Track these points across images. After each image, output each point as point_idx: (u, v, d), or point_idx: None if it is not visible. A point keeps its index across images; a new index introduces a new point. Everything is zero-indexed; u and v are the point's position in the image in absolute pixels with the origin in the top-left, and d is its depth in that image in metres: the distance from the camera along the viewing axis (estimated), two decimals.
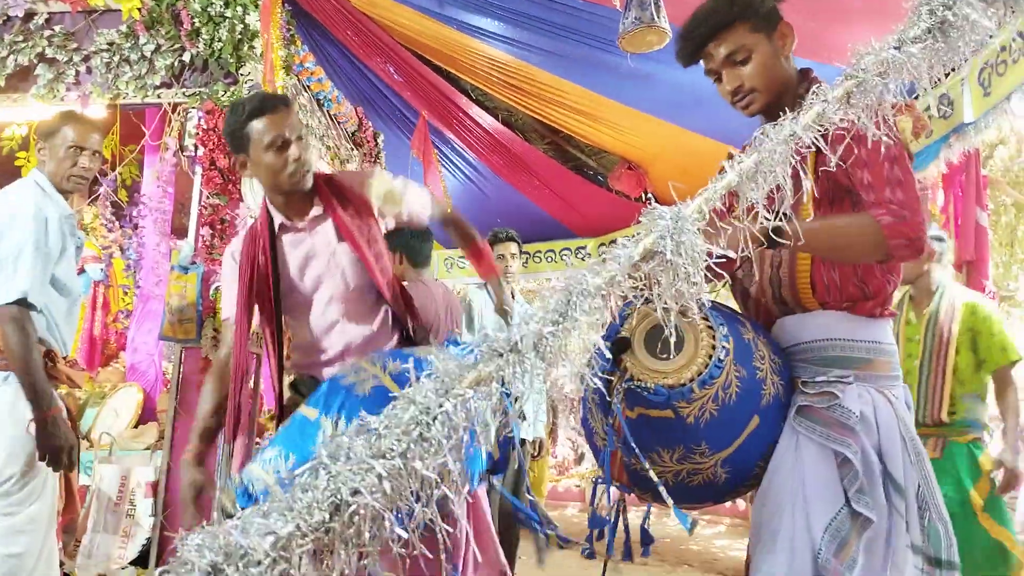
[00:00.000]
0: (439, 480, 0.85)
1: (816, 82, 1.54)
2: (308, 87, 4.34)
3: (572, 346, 0.96)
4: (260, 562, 0.77)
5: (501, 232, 3.83)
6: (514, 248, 3.81)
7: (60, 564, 2.26)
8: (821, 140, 1.18)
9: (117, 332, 4.80)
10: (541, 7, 3.90)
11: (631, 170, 5.68)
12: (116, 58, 3.50)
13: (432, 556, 0.86)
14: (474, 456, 1.51)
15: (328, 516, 0.81)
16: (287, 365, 1.98)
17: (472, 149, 5.58)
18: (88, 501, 3.20)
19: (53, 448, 2.00)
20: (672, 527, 5.95)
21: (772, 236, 1.25)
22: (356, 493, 0.82)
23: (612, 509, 1.49)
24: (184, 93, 3.46)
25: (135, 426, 3.90)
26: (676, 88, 4.08)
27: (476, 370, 0.91)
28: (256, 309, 1.91)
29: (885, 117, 1.21)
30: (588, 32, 3.98)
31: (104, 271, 4.78)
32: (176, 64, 3.47)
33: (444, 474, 0.85)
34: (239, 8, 3.41)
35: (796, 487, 1.38)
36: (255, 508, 0.82)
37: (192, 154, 3.48)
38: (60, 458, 2.02)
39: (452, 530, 0.85)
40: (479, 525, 1.80)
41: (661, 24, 3.23)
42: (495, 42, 4.29)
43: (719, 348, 1.32)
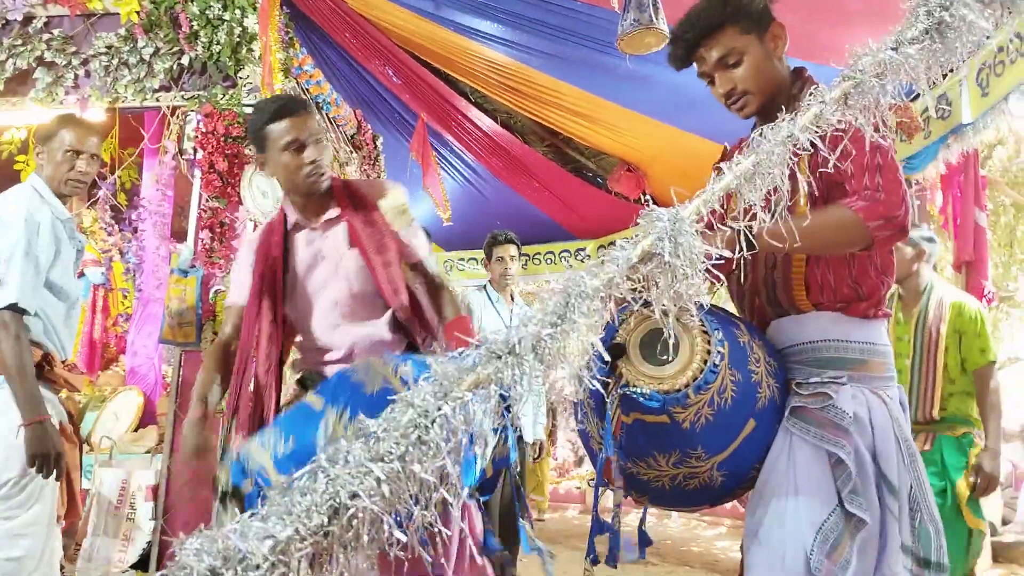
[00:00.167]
0: (438, 483, 0.85)
1: (810, 81, 1.54)
2: (307, 90, 4.34)
3: (570, 348, 0.96)
4: (259, 566, 0.77)
5: (500, 234, 3.84)
6: (513, 250, 3.81)
7: (60, 568, 2.26)
8: (819, 140, 1.18)
9: (117, 336, 4.80)
10: (539, 9, 3.91)
11: (630, 172, 5.69)
12: (115, 61, 3.51)
13: (431, 559, 0.86)
14: (467, 466, 1.50)
15: (327, 520, 0.80)
16: (291, 366, 1.99)
17: (471, 151, 5.59)
18: (88, 505, 3.20)
19: (40, 455, 2.00)
20: (673, 528, 5.94)
21: (750, 240, 1.24)
22: (355, 496, 0.82)
23: (613, 513, 1.49)
24: (183, 96, 3.47)
25: (135, 430, 3.89)
26: (675, 90, 4.08)
27: (474, 373, 0.91)
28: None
29: (883, 118, 1.21)
30: (586, 34, 3.99)
31: (104, 275, 4.78)
32: (175, 67, 3.48)
33: (443, 477, 0.85)
34: (237, 11, 3.41)
35: (789, 488, 1.38)
36: (254, 512, 0.82)
37: (191, 157, 3.48)
38: (47, 465, 2.01)
39: (448, 532, 0.85)
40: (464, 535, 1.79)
41: (659, 26, 3.23)
42: (494, 44, 4.30)
43: (714, 353, 1.32)
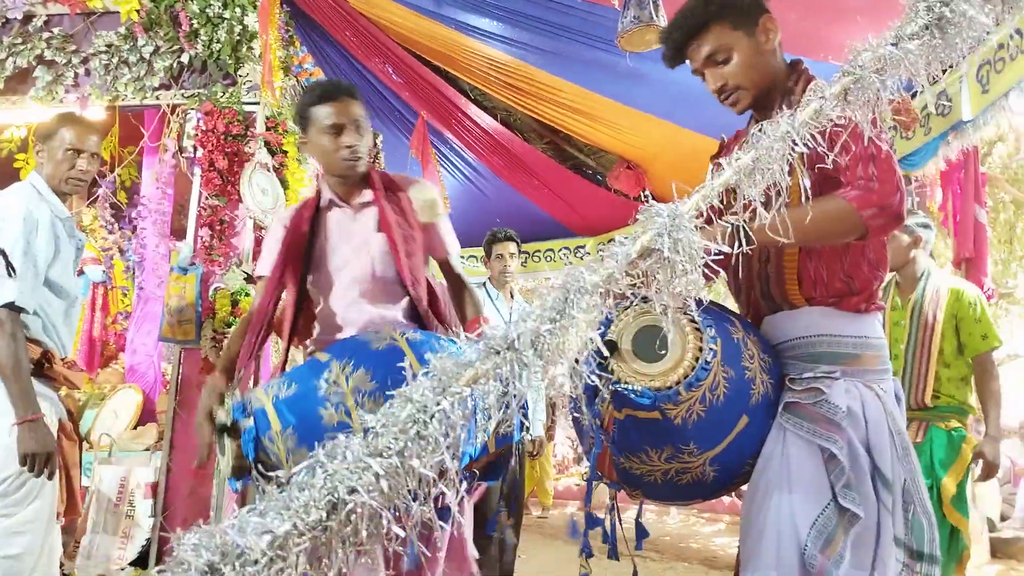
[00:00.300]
0: (436, 478, 0.85)
1: (806, 75, 1.54)
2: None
3: (570, 343, 0.96)
4: (257, 561, 0.76)
5: (500, 232, 3.84)
6: (513, 248, 3.81)
7: (60, 565, 2.26)
8: (818, 136, 1.18)
9: (116, 333, 4.80)
10: (539, 6, 3.90)
11: (630, 169, 5.68)
12: (115, 60, 3.50)
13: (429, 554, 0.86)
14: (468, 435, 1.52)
15: (325, 515, 0.80)
16: (307, 343, 2.02)
17: (471, 149, 5.58)
18: (88, 502, 3.20)
19: (29, 454, 1.99)
20: (671, 524, 5.95)
21: (747, 235, 1.24)
22: (353, 492, 0.82)
23: (608, 508, 1.50)
24: (183, 95, 3.46)
25: (134, 427, 3.90)
26: (675, 87, 4.07)
27: (473, 368, 0.91)
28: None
29: (879, 115, 1.21)
30: (586, 31, 3.98)
31: (106, 273, 4.78)
32: (175, 66, 3.47)
33: (441, 472, 0.85)
34: (237, 9, 3.41)
35: (783, 483, 1.38)
36: (252, 507, 0.82)
37: (191, 155, 3.48)
38: (35, 464, 2.01)
39: (446, 526, 0.85)
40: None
41: (660, 23, 3.22)
42: (493, 42, 4.29)
43: (706, 350, 1.32)
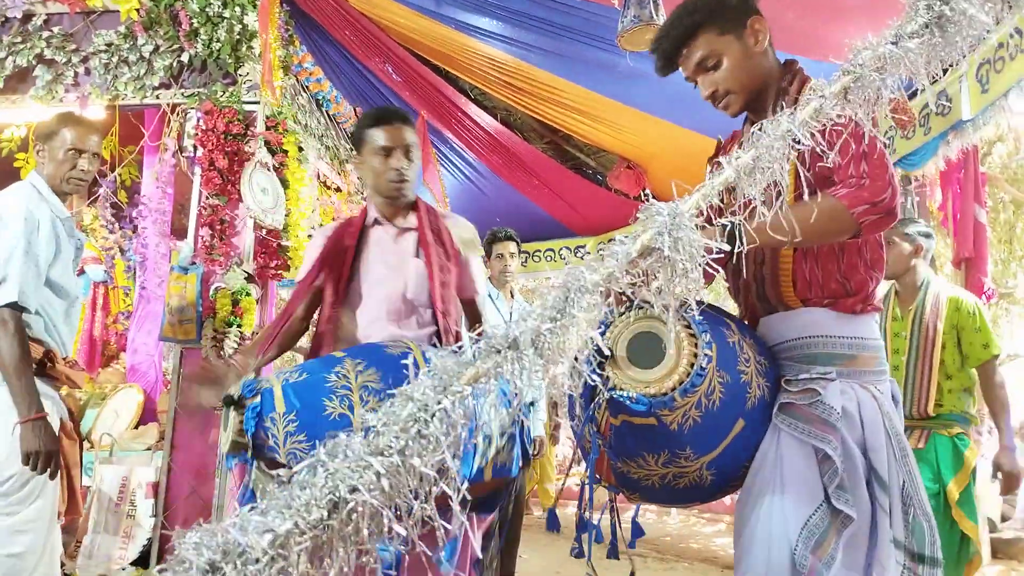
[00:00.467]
0: (437, 477, 0.85)
1: (801, 74, 1.54)
2: (307, 87, 4.34)
3: (570, 343, 0.96)
4: (258, 560, 0.76)
5: (500, 231, 3.84)
6: (513, 247, 3.81)
7: (61, 565, 2.26)
8: (818, 134, 1.18)
9: (117, 333, 4.80)
10: (539, 6, 3.90)
11: (630, 169, 5.68)
12: (115, 59, 3.50)
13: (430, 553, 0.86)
14: (464, 456, 1.52)
15: (326, 514, 0.80)
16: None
17: (471, 148, 5.58)
18: (89, 502, 3.20)
19: (33, 453, 2.00)
20: (672, 525, 5.95)
21: (738, 235, 1.24)
22: (354, 490, 0.81)
23: (605, 510, 1.50)
24: (183, 94, 3.46)
25: (135, 427, 3.90)
26: (675, 87, 4.03)
27: (474, 367, 0.91)
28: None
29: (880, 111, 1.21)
30: (586, 31, 3.98)
31: (107, 272, 4.78)
32: (175, 65, 3.47)
33: (442, 471, 0.85)
34: (237, 8, 3.41)
35: (776, 484, 1.38)
36: (253, 506, 0.82)
37: (191, 155, 3.48)
38: (39, 463, 2.01)
39: (449, 527, 0.86)
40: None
41: (660, 22, 3.22)
42: (494, 41, 4.29)
43: (701, 356, 1.32)
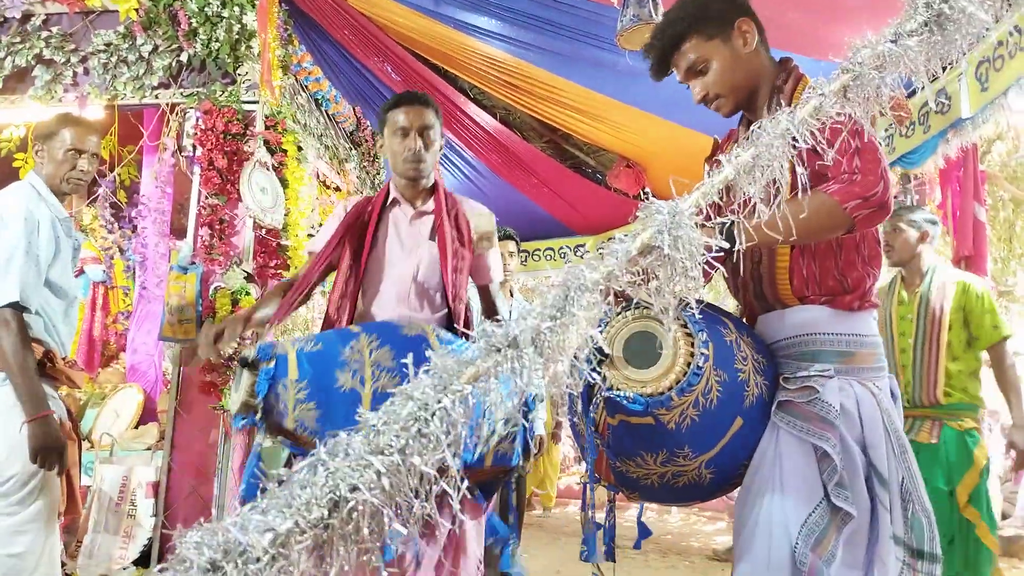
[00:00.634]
0: (438, 476, 0.85)
1: (795, 71, 1.54)
2: (306, 87, 4.34)
3: (570, 341, 0.96)
4: (259, 559, 0.77)
5: (499, 230, 3.81)
6: (512, 246, 3.81)
7: (61, 564, 2.26)
8: (817, 133, 1.18)
9: (117, 333, 4.80)
10: (539, 5, 3.90)
11: (629, 168, 5.69)
12: (114, 59, 3.50)
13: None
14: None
15: (327, 512, 0.80)
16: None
17: (470, 148, 5.58)
18: (89, 502, 3.20)
19: (43, 450, 2.01)
20: (673, 523, 5.95)
21: (732, 235, 1.23)
22: (355, 489, 0.82)
23: (606, 510, 1.50)
24: (182, 93, 3.46)
25: (136, 426, 3.90)
26: (673, 85, 4.05)
27: (474, 366, 0.91)
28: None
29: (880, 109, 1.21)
30: (586, 30, 3.98)
31: (106, 272, 4.78)
32: (174, 64, 3.47)
33: (442, 470, 0.85)
34: (236, 8, 3.40)
35: (775, 482, 1.38)
36: (254, 505, 0.82)
37: (190, 154, 3.48)
38: (50, 460, 2.02)
39: (449, 525, 0.86)
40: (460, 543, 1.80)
41: (659, 21, 3.22)
42: (493, 41, 4.29)
43: (698, 355, 1.32)
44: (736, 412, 1.39)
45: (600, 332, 1.37)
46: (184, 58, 3.45)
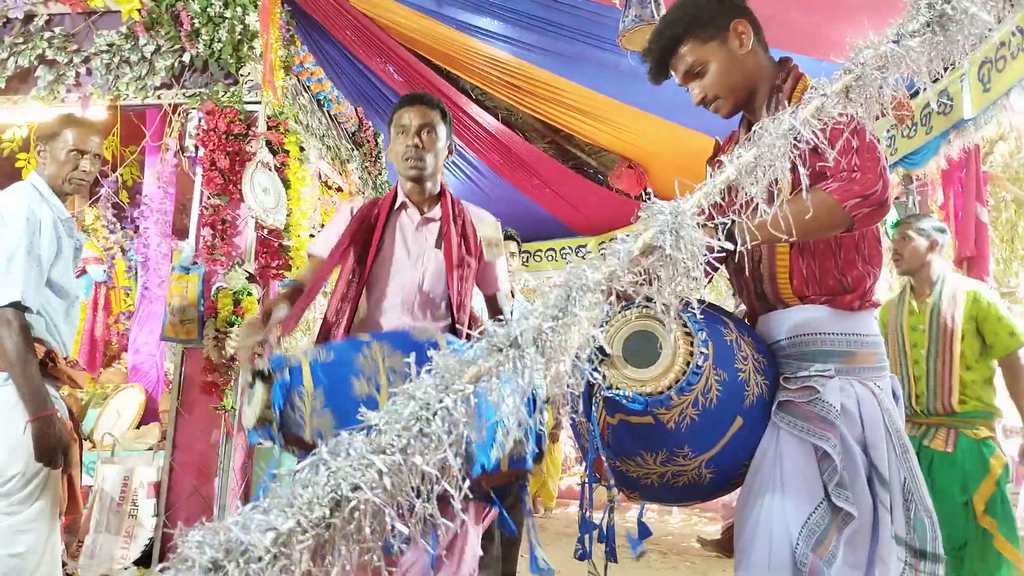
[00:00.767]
0: (439, 475, 0.85)
1: (795, 71, 1.54)
2: (308, 87, 4.34)
3: (572, 341, 0.96)
4: (261, 558, 0.76)
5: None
6: (513, 247, 3.81)
7: (63, 564, 2.27)
8: (819, 133, 1.18)
9: (119, 333, 4.80)
10: (541, 6, 3.90)
11: (631, 168, 5.69)
12: (116, 59, 3.50)
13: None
14: (481, 447, 1.52)
15: (329, 512, 0.80)
16: (336, 333, 2.03)
17: (472, 148, 5.59)
18: (91, 502, 3.20)
19: (47, 449, 2.01)
20: (673, 523, 5.95)
21: (732, 235, 1.23)
22: (356, 489, 0.82)
23: (606, 511, 1.50)
24: (184, 94, 3.46)
25: (137, 426, 3.90)
26: (675, 86, 4.06)
27: (476, 365, 0.91)
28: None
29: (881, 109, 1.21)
30: (588, 31, 3.98)
31: (107, 272, 4.79)
32: (176, 65, 3.48)
33: (444, 469, 0.85)
34: (239, 9, 3.41)
35: (776, 482, 1.38)
36: (255, 504, 0.82)
37: (192, 155, 3.48)
38: (55, 459, 2.03)
39: (451, 525, 0.85)
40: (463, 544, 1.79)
41: None
42: (495, 41, 4.29)
43: (697, 354, 1.32)
44: (736, 412, 1.39)
45: (600, 331, 1.37)
46: (186, 59, 3.46)
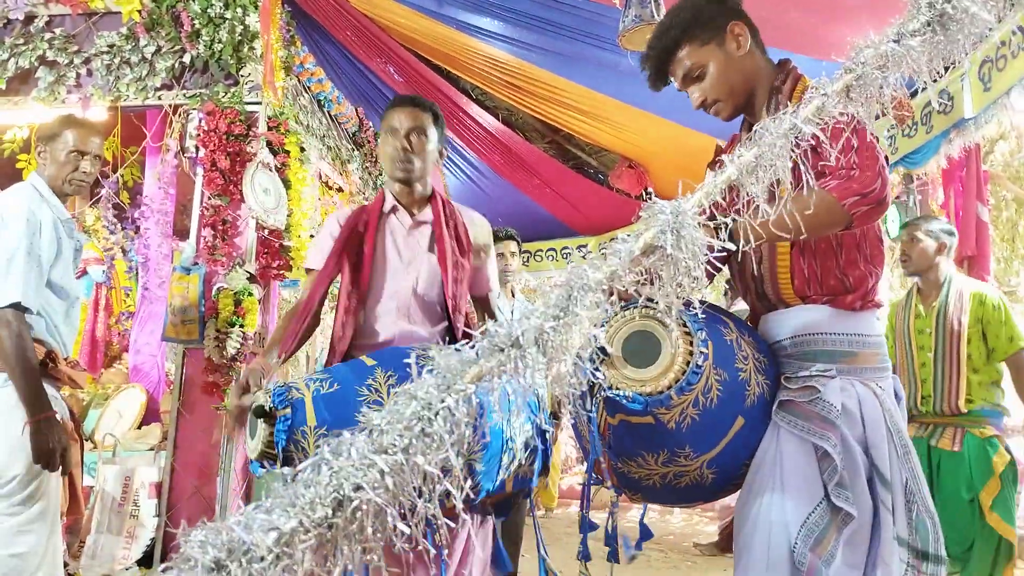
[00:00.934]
0: (441, 475, 0.85)
1: (794, 72, 1.55)
2: (308, 88, 4.34)
3: (573, 341, 0.96)
4: (263, 558, 0.76)
5: (500, 231, 3.83)
6: (513, 246, 3.81)
7: (64, 565, 2.27)
8: (820, 133, 1.18)
9: (120, 333, 4.81)
10: (541, 6, 3.90)
11: (632, 168, 5.68)
12: (117, 60, 3.51)
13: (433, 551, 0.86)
14: (488, 471, 1.51)
15: (331, 512, 0.80)
16: (342, 348, 1.98)
17: (472, 148, 5.58)
18: (92, 502, 3.21)
19: (45, 451, 2.01)
20: (675, 524, 5.95)
21: (729, 234, 1.23)
22: (358, 489, 0.82)
23: (609, 512, 1.50)
24: (185, 95, 3.47)
25: (138, 427, 3.90)
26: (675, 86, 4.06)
27: (477, 365, 0.91)
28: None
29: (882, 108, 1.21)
30: (588, 31, 3.98)
31: (106, 273, 4.79)
32: (176, 66, 3.48)
33: (446, 469, 0.85)
34: (239, 9, 3.41)
35: (776, 481, 1.38)
36: (258, 504, 0.82)
37: (193, 156, 3.48)
38: (52, 461, 2.03)
39: (454, 525, 0.86)
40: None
41: None
42: (495, 41, 4.29)
43: (697, 354, 1.32)
44: (737, 411, 1.39)
45: (600, 331, 1.37)
46: (187, 59, 3.46)
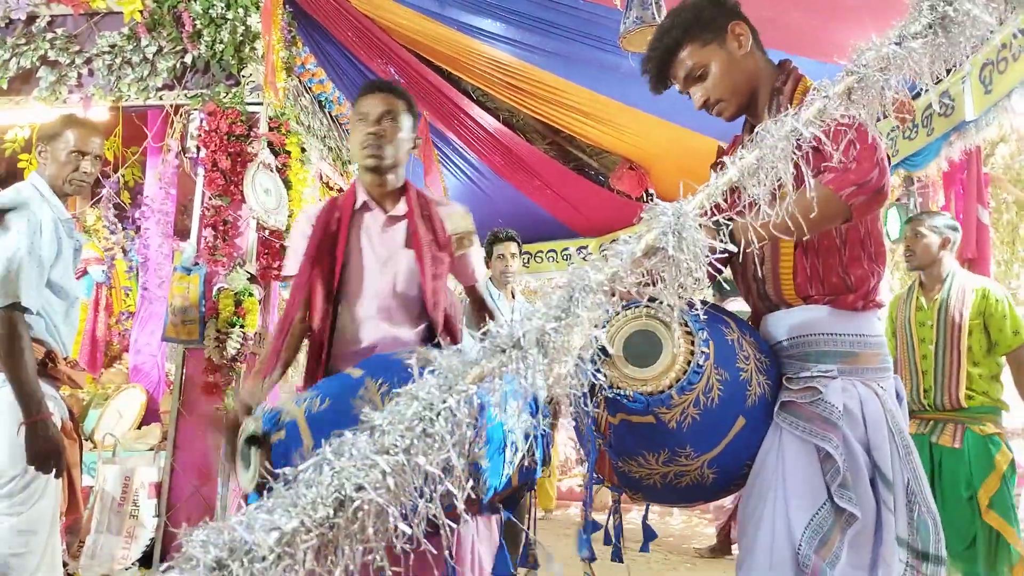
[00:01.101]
0: (442, 476, 0.85)
1: (795, 72, 1.55)
2: (309, 88, 4.35)
3: (575, 342, 0.96)
4: (265, 557, 0.77)
5: (501, 232, 3.84)
6: (514, 248, 3.81)
7: (64, 565, 2.27)
8: (822, 135, 1.18)
9: (120, 333, 4.81)
10: (542, 7, 3.90)
11: (632, 170, 5.68)
12: (118, 60, 3.51)
13: (436, 552, 0.86)
14: (494, 468, 1.50)
15: (332, 512, 0.80)
16: (323, 358, 1.93)
17: (473, 149, 5.58)
18: (92, 502, 3.21)
19: (40, 453, 2.00)
20: (675, 525, 5.95)
21: (728, 233, 1.24)
22: (360, 489, 0.82)
23: (610, 512, 1.50)
24: (186, 95, 3.47)
25: (138, 427, 3.90)
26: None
27: (479, 366, 0.91)
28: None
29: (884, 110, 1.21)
30: (589, 32, 3.98)
31: (106, 273, 4.79)
32: (178, 66, 3.48)
33: (447, 469, 0.85)
34: (240, 10, 3.42)
35: (778, 483, 1.38)
36: (259, 504, 0.82)
37: (194, 156, 3.49)
38: (47, 464, 2.02)
39: (456, 526, 0.86)
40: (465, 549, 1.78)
41: None
42: (497, 43, 4.29)
43: (698, 353, 1.32)
44: (738, 411, 1.39)
45: (601, 331, 1.37)
46: (188, 60, 3.46)
